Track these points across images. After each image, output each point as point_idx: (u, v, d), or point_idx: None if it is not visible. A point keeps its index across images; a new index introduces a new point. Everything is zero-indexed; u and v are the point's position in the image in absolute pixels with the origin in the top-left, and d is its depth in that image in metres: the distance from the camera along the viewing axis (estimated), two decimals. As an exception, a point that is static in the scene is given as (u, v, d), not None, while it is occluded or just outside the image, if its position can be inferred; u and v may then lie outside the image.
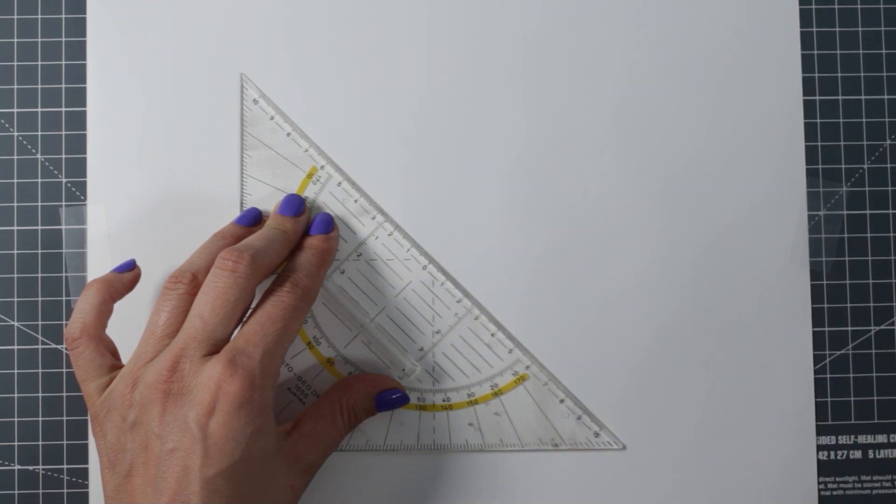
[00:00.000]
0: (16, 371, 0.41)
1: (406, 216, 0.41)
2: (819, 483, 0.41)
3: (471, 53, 0.41)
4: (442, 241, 0.41)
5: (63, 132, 0.41)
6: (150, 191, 0.41)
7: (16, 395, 0.41)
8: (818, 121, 0.42)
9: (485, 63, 0.41)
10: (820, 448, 0.41)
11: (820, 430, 0.41)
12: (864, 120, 0.42)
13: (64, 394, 0.41)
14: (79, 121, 0.41)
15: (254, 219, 0.40)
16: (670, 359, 0.41)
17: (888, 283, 0.42)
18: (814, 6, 0.42)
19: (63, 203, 0.41)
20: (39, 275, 0.41)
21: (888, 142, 0.42)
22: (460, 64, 0.41)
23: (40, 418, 0.41)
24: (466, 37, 0.42)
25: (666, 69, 0.42)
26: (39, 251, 0.41)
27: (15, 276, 0.41)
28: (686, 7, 0.42)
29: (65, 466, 0.41)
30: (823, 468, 0.41)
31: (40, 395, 0.41)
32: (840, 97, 0.42)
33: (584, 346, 0.41)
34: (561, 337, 0.41)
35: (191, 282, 0.36)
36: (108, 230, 0.41)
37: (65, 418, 0.41)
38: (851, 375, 0.42)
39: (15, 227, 0.41)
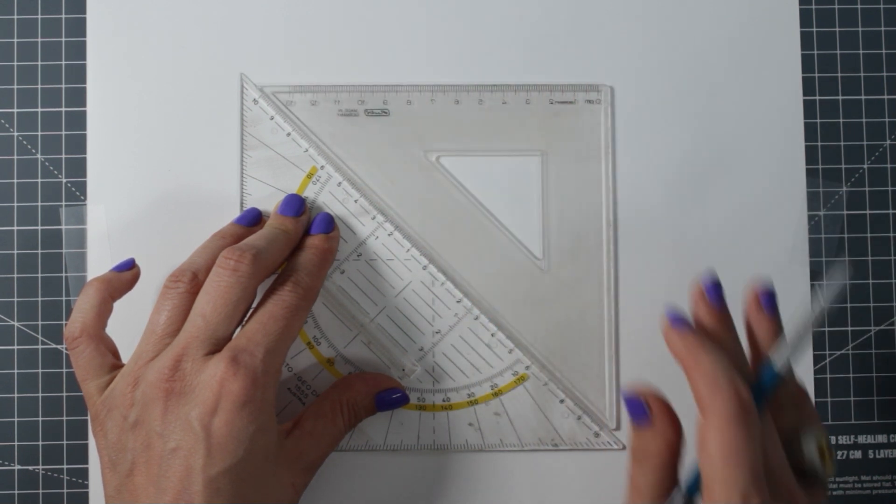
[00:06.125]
0: (16, 371, 0.41)
1: (406, 216, 0.41)
2: (819, 483, 0.41)
3: (470, 53, 0.41)
4: (442, 241, 0.41)
5: (63, 132, 0.41)
6: (150, 191, 0.41)
7: (16, 395, 0.41)
8: (818, 121, 0.42)
9: (484, 64, 0.41)
10: (820, 448, 0.41)
11: (820, 430, 0.41)
12: (864, 120, 0.42)
13: (64, 394, 0.41)
14: (79, 121, 0.41)
15: (254, 219, 0.40)
16: (670, 359, 0.41)
17: (888, 283, 0.42)
18: (814, 6, 0.42)
19: (63, 203, 0.41)
20: (39, 275, 0.41)
21: (888, 142, 0.42)
22: (460, 62, 0.41)
23: (40, 418, 0.41)
24: (466, 36, 0.42)
25: (666, 69, 0.42)
26: (39, 251, 0.41)
27: (15, 276, 0.41)
28: (686, 7, 0.42)
29: (65, 466, 0.41)
30: (823, 468, 0.41)
31: (40, 395, 0.41)
32: (840, 97, 0.42)
33: (584, 346, 0.41)
34: (561, 337, 0.41)
35: (191, 281, 0.36)
36: (108, 230, 0.41)
37: (65, 418, 0.41)
38: (851, 375, 0.42)
39: (15, 227, 0.41)
